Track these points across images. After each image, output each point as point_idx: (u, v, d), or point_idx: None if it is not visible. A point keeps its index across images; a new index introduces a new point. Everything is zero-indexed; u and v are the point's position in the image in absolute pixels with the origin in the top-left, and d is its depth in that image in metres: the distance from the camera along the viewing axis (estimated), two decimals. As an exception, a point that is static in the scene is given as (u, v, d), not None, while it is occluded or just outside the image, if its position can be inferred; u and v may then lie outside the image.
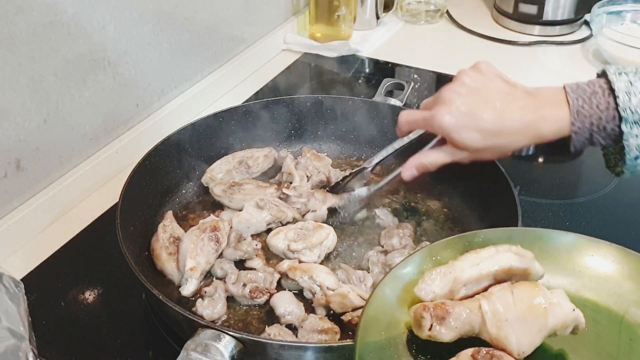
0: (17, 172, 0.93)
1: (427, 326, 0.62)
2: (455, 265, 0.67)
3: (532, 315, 0.61)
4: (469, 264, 0.67)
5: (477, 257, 0.68)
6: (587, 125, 0.72)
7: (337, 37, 1.50)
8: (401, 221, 0.95)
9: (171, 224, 0.91)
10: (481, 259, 0.67)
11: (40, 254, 0.93)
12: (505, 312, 0.62)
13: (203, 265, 0.84)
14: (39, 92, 0.93)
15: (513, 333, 0.61)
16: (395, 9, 1.64)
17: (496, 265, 0.67)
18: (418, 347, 0.64)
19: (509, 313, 0.62)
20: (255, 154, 1.05)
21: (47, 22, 0.91)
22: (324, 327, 0.76)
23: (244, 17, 1.35)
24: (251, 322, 0.81)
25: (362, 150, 1.10)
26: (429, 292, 0.65)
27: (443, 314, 0.62)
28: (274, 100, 1.09)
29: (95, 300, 0.86)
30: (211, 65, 1.29)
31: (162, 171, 0.97)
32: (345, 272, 0.84)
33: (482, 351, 0.60)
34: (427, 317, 0.62)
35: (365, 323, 0.63)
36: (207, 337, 0.67)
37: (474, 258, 0.68)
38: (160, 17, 1.12)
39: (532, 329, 0.61)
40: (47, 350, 0.78)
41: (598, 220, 1.00)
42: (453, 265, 0.67)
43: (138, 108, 1.13)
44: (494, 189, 0.89)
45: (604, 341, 0.66)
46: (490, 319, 0.62)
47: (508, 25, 1.61)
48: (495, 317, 0.62)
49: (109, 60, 1.04)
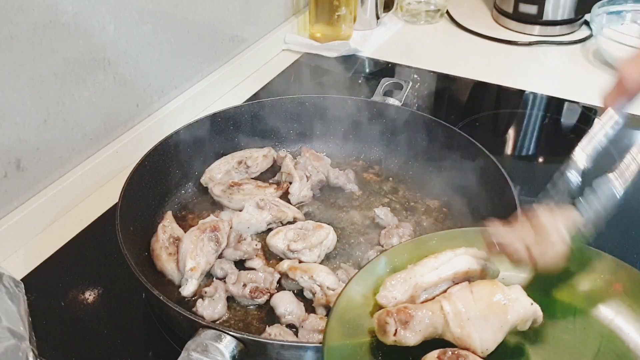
0: (17, 172, 0.93)
1: (391, 331, 0.63)
2: (415, 270, 0.68)
3: (493, 312, 0.63)
4: (429, 268, 0.69)
5: (436, 261, 0.70)
6: None
7: (337, 37, 1.49)
8: (401, 221, 0.95)
9: (171, 224, 0.91)
10: (440, 263, 0.69)
11: (40, 254, 0.93)
12: (467, 311, 0.63)
13: (203, 266, 0.84)
14: (39, 92, 0.93)
15: (476, 331, 0.62)
16: (395, 9, 1.64)
17: (455, 269, 0.69)
18: (384, 354, 0.65)
19: (470, 312, 0.63)
20: (254, 154, 1.05)
21: (47, 22, 0.91)
22: (324, 327, 0.76)
23: (244, 17, 1.35)
24: (251, 322, 0.81)
25: (361, 150, 1.10)
26: (390, 298, 0.67)
27: (406, 318, 0.63)
28: (273, 100, 1.09)
29: (95, 300, 0.86)
30: (211, 65, 1.29)
31: (161, 171, 0.97)
32: (346, 272, 0.84)
33: (447, 352, 0.62)
34: (391, 323, 0.63)
35: (330, 329, 0.65)
36: (207, 337, 0.67)
37: (433, 262, 0.70)
38: (160, 17, 1.12)
39: (493, 326, 0.63)
40: (47, 350, 0.78)
41: (598, 220, 1.00)
42: (413, 271, 0.68)
43: (138, 108, 1.13)
44: (494, 188, 0.89)
45: (559, 332, 0.68)
46: (453, 319, 0.63)
47: (508, 25, 1.61)
48: (457, 317, 0.63)
49: (109, 60, 1.04)
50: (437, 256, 0.70)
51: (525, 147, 1.22)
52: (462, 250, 0.71)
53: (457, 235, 0.76)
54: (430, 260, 0.70)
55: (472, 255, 0.70)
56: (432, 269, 0.69)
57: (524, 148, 1.22)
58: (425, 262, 0.70)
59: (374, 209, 0.97)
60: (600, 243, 0.75)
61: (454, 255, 0.70)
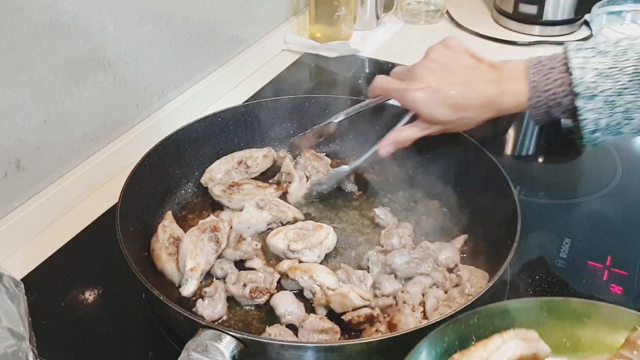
0: (17, 172, 0.93)
1: None
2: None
3: None
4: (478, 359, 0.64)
5: (485, 350, 0.64)
6: (543, 100, 0.74)
7: (337, 37, 1.49)
8: (401, 221, 0.95)
9: (171, 224, 0.91)
10: (489, 352, 0.64)
11: (40, 254, 0.93)
12: None
13: (203, 266, 0.84)
14: (39, 92, 0.93)
15: None
16: (395, 9, 1.64)
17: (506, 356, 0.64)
18: None
19: None
20: (254, 154, 1.05)
21: (47, 22, 0.91)
22: (324, 327, 0.76)
23: (244, 17, 1.35)
24: (251, 322, 0.81)
25: (361, 150, 1.10)
26: None
27: None
28: (273, 100, 1.09)
29: (95, 300, 0.86)
30: (211, 65, 1.29)
31: (161, 171, 0.97)
32: (346, 271, 0.84)
33: None
34: None
35: None
36: (207, 337, 0.67)
37: (481, 352, 0.64)
38: (160, 17, 1.12)
39: None
40: (47, 350, 0.78)
41: (598, 220, 1.00)
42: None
43: (138, 108, 1.13)
44: (494, 189, 0.89)
45: None
46: None
47: (508, 25, 1.61)
48: None
49: (109, 60, 1.04)
50: (486, 344, 0.65)
51: (525, 147, 1.22)
52: (510, 334, 0.65)
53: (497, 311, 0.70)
54: (479, 349, 0.64)
55: (522, 338, 0.65)
56: (482, 359, 0.63)
57: (524, 148, 1.22)
58: (473, 352, 0.64)
59: (374, 209, 0.97)
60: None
61: (502, 341, 0.65)
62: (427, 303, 0.79)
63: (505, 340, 0.65)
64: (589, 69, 0.70)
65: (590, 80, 0.70)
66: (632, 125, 0.72)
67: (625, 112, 0.71)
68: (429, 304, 0.79)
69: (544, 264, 0.91)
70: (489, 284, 0.74)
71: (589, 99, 0.71)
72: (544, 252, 0.93)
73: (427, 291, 0.82)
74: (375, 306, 0.79)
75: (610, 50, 0.71)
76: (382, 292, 0.82)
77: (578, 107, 0.72)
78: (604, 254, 0.92)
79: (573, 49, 0.73)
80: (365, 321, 0.77)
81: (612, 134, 0.73)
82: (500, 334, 0.66)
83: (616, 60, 0.70)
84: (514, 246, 0.77)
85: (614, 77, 0.70)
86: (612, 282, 0.87)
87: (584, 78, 0.70)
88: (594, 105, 0.71)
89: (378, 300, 0.80)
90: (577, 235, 0.96)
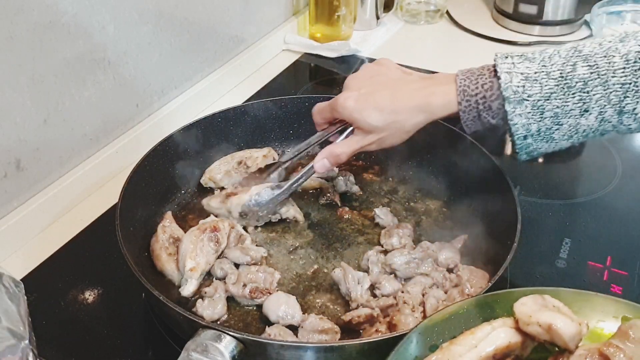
0: (17, 172, 0.93)
1: None
2: (451, 350, 0.64)
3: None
4: (467, 347, 0.64)
5: (473, 337, 0.64)
6: (473, 103, 0.76)
7: (337, 37, 1.49)
8: (401, 221, 0.95)
9: (171, 224, 0.91)
10: (478, 340, 0.64)
11: (40, 254, 0.93)
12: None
13: (203, 266, 0.84)
14: (39, 92, 0.93)
15: None
16: (395, 9, 1.64)
17: (494, 344, 0.64)
18: None
19: None
20: (254, 154, 1.04)
21: (47, 22, 0.91)
22: (324, 327, 0.76)
23: (244, 17, 1.35)
24: (251, 322, 0.81)
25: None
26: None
27: None
28: (273, 100, 1.09)
29: (95, 300, 0.86)
30: (211, 65, 1.29)
31: (161, 171, 0.97)
32: (343, 270, 0.83)
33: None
34: None
35: None
36: (207, 337, 0.67)
37: (470, 339, 0.64)
38: (160, 17, 1.12)
39: None
40: (47, 350, 0.78)
41: (598, 220, 1.00)
42: (449, 351, 0.63)
43: (138, 108, 1.13)
44: (494, 188, 0.89)
45: None
46: None
47: (508, 25, 1.61)
48: None
49: (109, 60, 1.04)
50: (474, 332, 0.65)
51: (525, 147, 1.22)
52: (499, 322, 0.65)
53: (487, 301, 0.70)
54: (468, 337, 0.64)
55: (511, 326, 0.65)
56: (470, 347, 0.63)
57: (524, 148, 1.22)
58: (461, 340, 0.64)
59: (374, 209, 0.97)
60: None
61: (491, 328, 0.65)
62: (427, 303, 0.79)
63: (494, 328, 0.65)
64: (515, 73, 0.72)
65: (517, 84, 0.71)
66: (563, 131, 0.73)
67: (554, 117, 0.72)
68: (429, 304, 0.79)
69: (544, 264, 0.91)
70: (489, 284, 0.74)
71: (518, 104, 0.71)
72: (544, 252, 0.93)
73: (427, 291, 0.81)
74: (375, 306, 0.79)
75: (536, 57, 0.73)
76: (382, 292, 0.82)
77: (507, 112, 0.72)
78: (604, 254, 0.92)
79: (501, 56, 0.74)
80: (365, 321, 0.77)
81: (545, 141, 0.74)
82: (490, 322, 0.66)
83: (543, 65, 0.71)
84: (514, 246, 0.77)
85: (540, 81, 0.71)
86: (612, 282, 0.87)
87: (512, 82, 0.71)
88: (522, 110, 0.72)
89: (378, 300, 0.80)
90: (577, 235, 0.96)
